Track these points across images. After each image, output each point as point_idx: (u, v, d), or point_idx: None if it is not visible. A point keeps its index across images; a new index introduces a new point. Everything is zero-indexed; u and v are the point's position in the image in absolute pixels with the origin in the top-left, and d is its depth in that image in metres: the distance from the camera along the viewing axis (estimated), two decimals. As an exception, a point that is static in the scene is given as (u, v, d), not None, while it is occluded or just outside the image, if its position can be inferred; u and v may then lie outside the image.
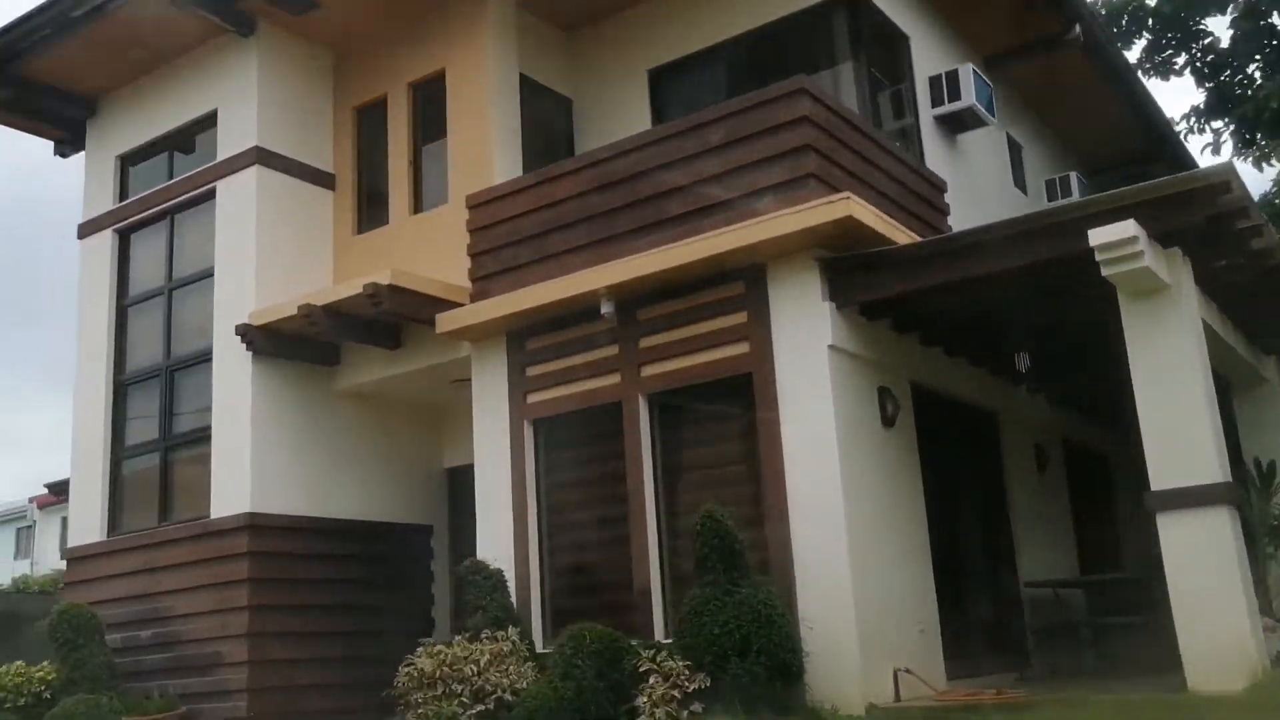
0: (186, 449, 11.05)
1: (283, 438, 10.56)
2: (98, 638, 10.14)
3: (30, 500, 40.08)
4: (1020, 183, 13.67)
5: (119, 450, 11.50)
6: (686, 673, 7.30)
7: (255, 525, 10.10)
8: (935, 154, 11.17)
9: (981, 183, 12.30)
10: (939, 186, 10.47)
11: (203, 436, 10.76)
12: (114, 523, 11.32)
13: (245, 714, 9.70)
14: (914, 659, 8.30)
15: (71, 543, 11.60)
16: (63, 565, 24.24)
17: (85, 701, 9.49)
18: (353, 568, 10.84)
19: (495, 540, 9.52)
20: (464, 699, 7.95)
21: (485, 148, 10.54)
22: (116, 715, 9.60)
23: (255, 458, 10.25)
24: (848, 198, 8.11)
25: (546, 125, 11.51)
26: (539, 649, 8.74)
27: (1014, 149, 13.66)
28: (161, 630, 10.46)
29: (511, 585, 9.05)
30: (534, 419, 9.69)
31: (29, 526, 41.87)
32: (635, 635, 8.24)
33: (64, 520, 39.27)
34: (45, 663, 10.41)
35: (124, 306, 11.81)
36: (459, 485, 12.03)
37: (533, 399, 9.73)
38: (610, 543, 9.23)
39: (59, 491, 16.97)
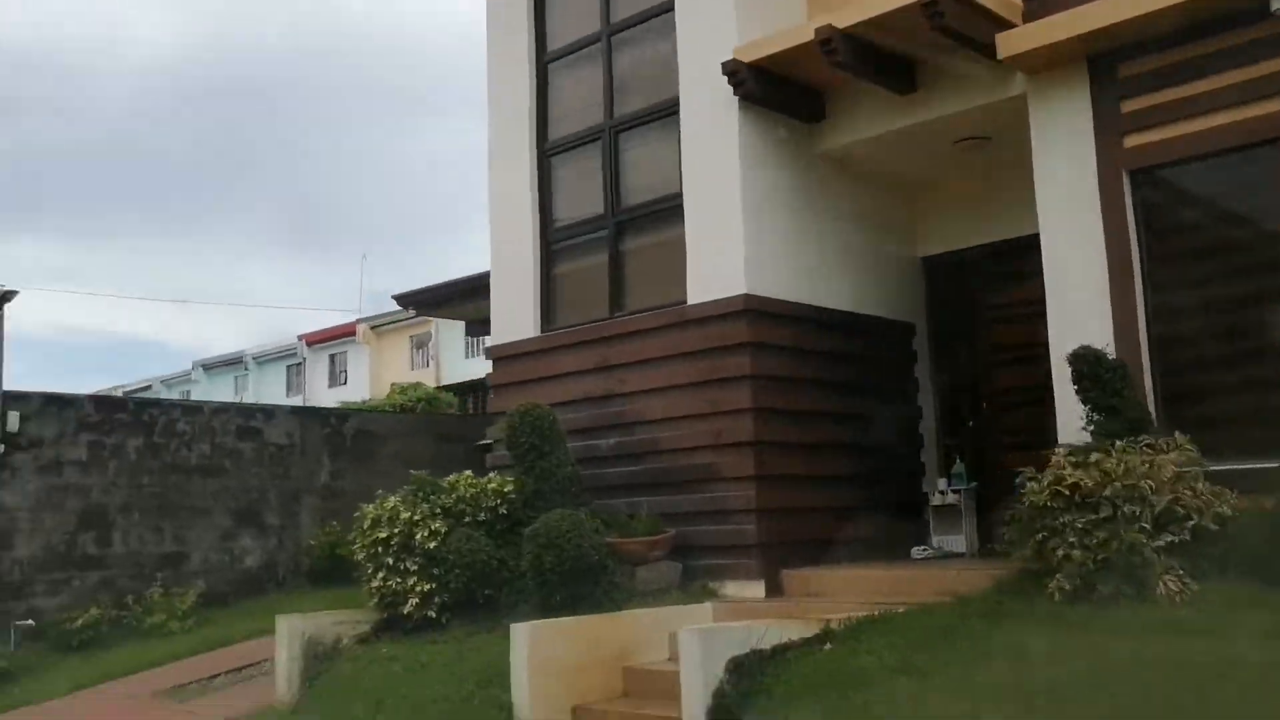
0: (644, 224, 9.15)
1: (770, 205, 8.50)
2: (562, 444, 8.53)
3: (299, 338, 40.77)
4: None
5: (550, 232, 9.73)
6: None
7: (752, 310, 8.17)
8: None
9: None
10: None
11: (666, 207, 8.84)
12: (549, 315, 9.62)
13: (755, 540, 7.94)
14: None
15: (496, 340, 9.99)
16: (330, 400, 23.78)
17: (568, 518, 7.81)
18: (843, 369, 8.85)
19: (1078, 329, 7.28)
20: (1144, 524, 5.85)
21: None
22: (600, 536, 7.97)
23: (748, 227, 8.25)
24: None
25: None
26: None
27: None
28: (628, 439, 8.77)
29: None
30: (1136, 169, 7.31)
31: (299, 364, 42.64)
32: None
33: (331, 358, 40.27)
34: (493, 474, 8.95)
35: (545, 62, 9.90)
36: (937, 277, 9.92)
37: (1133, 142, 7.32)
38: (1272, 327, 6.90)
39: (408, 303, 15.64)
